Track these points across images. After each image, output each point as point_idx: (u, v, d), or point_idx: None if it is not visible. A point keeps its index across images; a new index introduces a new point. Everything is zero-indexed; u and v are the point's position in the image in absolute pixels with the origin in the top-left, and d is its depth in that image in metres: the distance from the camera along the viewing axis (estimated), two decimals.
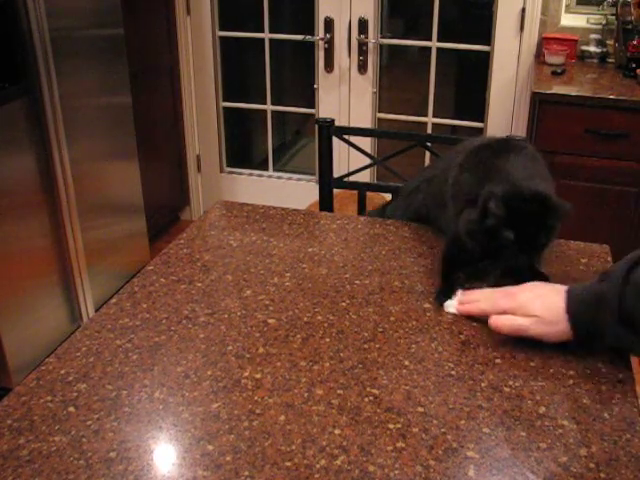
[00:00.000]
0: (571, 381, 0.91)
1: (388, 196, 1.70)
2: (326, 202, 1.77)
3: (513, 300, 0.97)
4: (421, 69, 3.06)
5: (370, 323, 1.03)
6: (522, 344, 0.98)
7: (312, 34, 3.08)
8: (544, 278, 1.14)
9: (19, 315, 2.17)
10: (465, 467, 0.76)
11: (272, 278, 1.16)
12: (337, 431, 0.82)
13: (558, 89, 2.38)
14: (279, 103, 3.35)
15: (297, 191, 3.38)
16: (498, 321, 0.97)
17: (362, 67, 3.07)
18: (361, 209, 1.76)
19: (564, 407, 0.86)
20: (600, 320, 0.90)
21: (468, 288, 1.09)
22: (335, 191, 1.78)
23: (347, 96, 3.15)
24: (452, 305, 1.07)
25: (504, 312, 0.97)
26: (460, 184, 1.16)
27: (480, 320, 1.04)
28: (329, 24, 3.03)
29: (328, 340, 0.99)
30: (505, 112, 2.97)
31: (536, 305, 0.95)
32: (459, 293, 1.08)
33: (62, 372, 0.93)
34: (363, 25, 2.99)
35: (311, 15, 3.07)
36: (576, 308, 0.92)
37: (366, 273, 1.18)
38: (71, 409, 0.86)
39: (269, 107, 3.32)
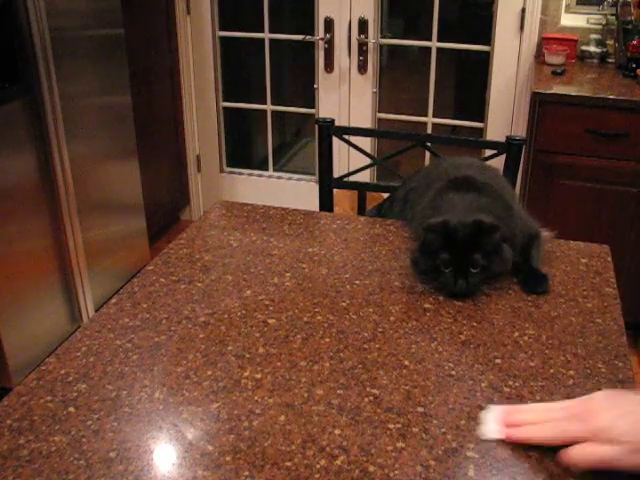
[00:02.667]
0: (571, 381, 0.91)
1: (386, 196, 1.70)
2: (326, 202, 1.77)
3: (587, 423, 0.74)
4: (421, 69, 3.06)
5: (370, 323, 1.03)
6: (521, 344, 0.98)
7: (312, 34, 3.08)
8: (544, 278, 1.14)
9: (19, 315, 2.17)
10: (465, 467, 0.76)
11: (272, 278, 1.16)
12: (337, 431, 0.81)
13: (558, 89, 2.38)
14: (279, 103, 3.35)
15: (297, 191, 3.38)
16: (576, 455, 0.74)
17: (362, 67, 3.07)
18: (361, 209, 1.76)
19: None
20: None
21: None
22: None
23: (347, 96, 3.15)
24: (493, 430, 0.81)
25: (575, 440, 0.74)
26: (419, 220, 1.20)
27: (480, 320, 1.05)
28: (329, 24, 3.03)
29: (328, 340, 0.99)
30: (505, 112, 2.97)
31: (624, 426, 0.72)
32: (495, 410, 0.84)
33: (62, 372, 0.93)
34: (363, 25, 2.99)
35: (311, 15, 3.07)
36: None
37: (366, 273, 1.18)
38: (71, 409, 0.86)
39: (269, 107, 3.32)
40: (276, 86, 3.34)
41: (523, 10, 2.79)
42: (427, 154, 2.91)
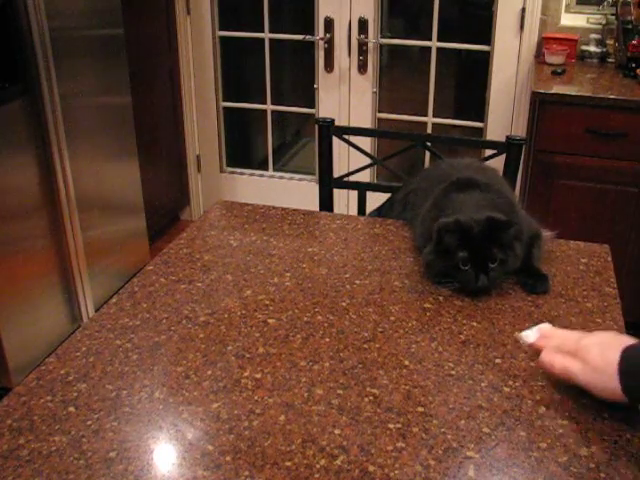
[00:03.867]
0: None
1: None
2: (326, 202, 1.77)
3: (577, 342, 0.87)
4: (421, 69, 3.06)
5: (370, 323, 1.03)
6: (521, 344, 0.98)
7: (312, 34, 3.08)
8: (544, 278, 1.14)
9: (19, 315, 2.17)
10: (465, 467, 0.76)
11: (272, 278, 1.16)
12: (337, 431, 0.81)
13: (558, 89, 2.38)
14: (279, 103, 3.35)
15: (297, 191, 3.38)
16: (552, 358, 0.89)
17: (362, 67, 3.07)
18: (361, 209, 1.76)
19: (564, 407, 0.86)
20: None
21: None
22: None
23: (347, 96, 3.15)
24: (530, 335, 0.96)
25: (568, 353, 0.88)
26: (426, 222, 1.20)
27: (480, 320, 1.05)
28: (329, 24, 3.03)
29: (328, 340, 0.99)
30: (505, 112, 2.97)
31: (592, 352, 0.84)
32: (541, 326, 0.98)
33: (62, 372, 0.93)
34: (363, 25, 2.99)
35: (311, 15, 3.07)
36: (629, 368, 0.80)
37: (366, 273, 1.18)
38: (71, 409, 0.86)
39: (269, 107, 3.32)
40: (276, 86, 3.34)
41: (523, 10, 2.79)
42: (427, 154, 2.91)
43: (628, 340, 0.84)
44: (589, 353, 0.84)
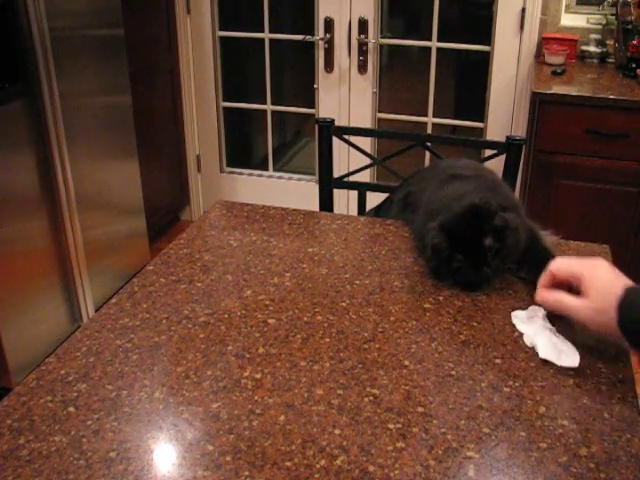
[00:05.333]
0: (571, 381, 0.91)
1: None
2: (326, 202, 1.77)
3: (588, 267, 0.90)
4: (421, 69, 3.06)
5: (370, 323, 1.03)
6: (521, 344, 0.98)
7: (312, 34, 3.08)
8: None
9: (19, 315, 2.17)
10: (465, 467, 0.76)
11: (272, 278, 1.16)
12: (337, 431, 0.81)
13: (558, 89, 2.38)
14: (279, 103, 3.35)
15: (297, 191, 3.38)
16: (550, 298, 0.93)
17: (362, 67, 3.07)
18: (361, 209, 1.76)
19: (564, 407, 0.86)
20: None
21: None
22: None
23: (347, 96, 3.15)
24: (521, 317, 1.02)
25: (568, 276, 0.91)
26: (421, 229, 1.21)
27: (480, 320, 1.05)
28: (329, 24, 3.03)
29: (328, 340, 0.99)
30: (505, 112, 2.97)
31: (600, 287, 0.87)
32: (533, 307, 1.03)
33: (62, 372, 0.93)
34: (363, 25, 2.99)
35: (311, 15, 3.07)
36: (627, 302, 0.84)
37: (366, 273, 1.18)
38: (71, 409, 0.86)
39: (269, 107, 3.32)
40: (276, 86, 3.34)
41: (523, 10, 2.79)
42: (427, 154, 2.91)
43: (627, 280, 0.88)
44: (594, 288, 0.87)
